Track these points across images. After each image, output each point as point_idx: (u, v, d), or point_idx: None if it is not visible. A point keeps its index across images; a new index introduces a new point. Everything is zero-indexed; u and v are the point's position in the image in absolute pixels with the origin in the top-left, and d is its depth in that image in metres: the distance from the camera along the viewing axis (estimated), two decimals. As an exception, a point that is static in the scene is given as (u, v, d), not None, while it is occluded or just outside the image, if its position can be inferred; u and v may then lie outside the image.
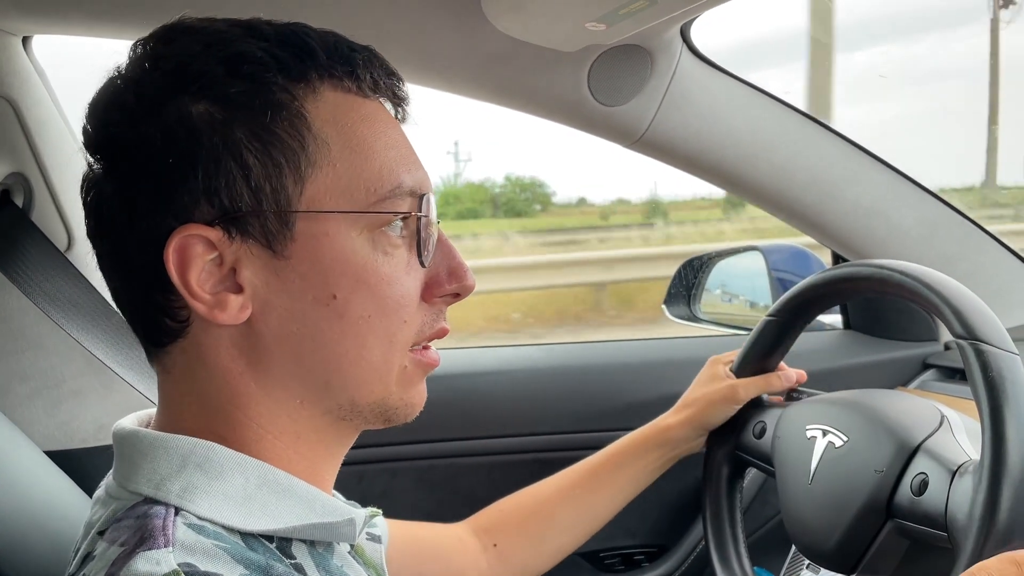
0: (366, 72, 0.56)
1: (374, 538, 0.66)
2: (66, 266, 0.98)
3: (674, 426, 0.98)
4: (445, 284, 0.58)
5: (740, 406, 0.97)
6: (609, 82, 1.05)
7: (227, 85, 0.51)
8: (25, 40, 1.02)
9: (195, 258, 0.51)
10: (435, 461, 1.23)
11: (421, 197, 0.56)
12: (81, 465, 1.02)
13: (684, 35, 1.05)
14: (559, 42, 0.98)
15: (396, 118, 0.60)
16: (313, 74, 0.54)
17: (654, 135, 1.11)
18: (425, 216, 0.56)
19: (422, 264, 0.56)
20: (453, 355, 1.31)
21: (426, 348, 0.58)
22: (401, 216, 0.55)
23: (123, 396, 1.04)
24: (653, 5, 0.85)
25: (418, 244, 0.56)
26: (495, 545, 0.93)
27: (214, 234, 0.51)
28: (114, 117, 0.53)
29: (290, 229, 0.52)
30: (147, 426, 0.57)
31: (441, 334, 0.59)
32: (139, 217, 0.52)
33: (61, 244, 1.03)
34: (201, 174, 0.51)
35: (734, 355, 1.01)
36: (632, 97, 1.07)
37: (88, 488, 0.99)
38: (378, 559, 0.64)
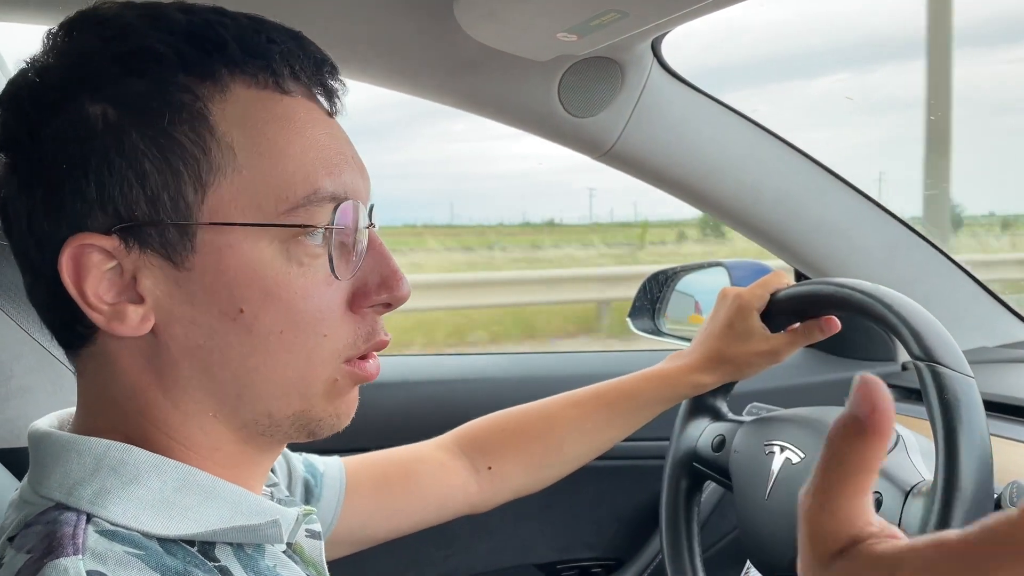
0: (284, 66, 0.51)
1: (314, 535, 0.63)
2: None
3: (709, 383, 0.93)
4: (373, 294, 0.54)
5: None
6: (579, 93, 1.05)
7: (124, 85, 0.48)
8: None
9: (91, 268, 0.48)
10: None
11: (343, 203, 0.51)
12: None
13: (655, 50, 1.06)
14: (530, 51, 0.98)
15: (330, 112, 0.55)
16: (222, 70, 0.49)
17: (623, 148, 1.11)
18: (342, 227, 0.51)
19: (336, 277, 0.52)
20: (416, 361, 1.29)
21: (364, 359, 0.55)
22: (321, 227, 0.51)
23: (74, 394, 1.01)
24: (625, 18, 0.85)
25: (330, 256, 0.51)
26: (490, 468, 0.88)
27: (110, 243, 0.48)
28: (15, 115, 0.50)
29: (191, 240, 0.49)
30: (67, 426, 0.55)
31: (379, 347, 0.55)
32: (36, 221, 0.49)
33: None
34: (94, 180, 0.47)
35: (760, 294, 0.92)
36: (602, 109, 1.07)
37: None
38: (317, 556, 0.62)
